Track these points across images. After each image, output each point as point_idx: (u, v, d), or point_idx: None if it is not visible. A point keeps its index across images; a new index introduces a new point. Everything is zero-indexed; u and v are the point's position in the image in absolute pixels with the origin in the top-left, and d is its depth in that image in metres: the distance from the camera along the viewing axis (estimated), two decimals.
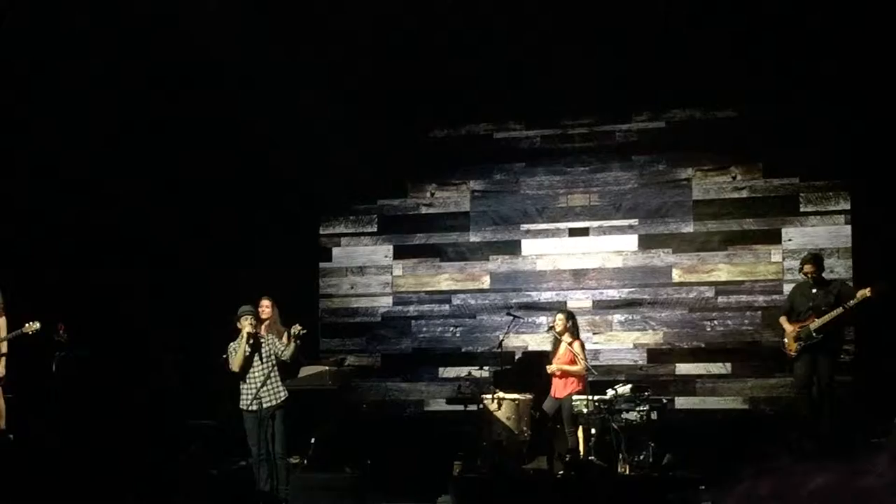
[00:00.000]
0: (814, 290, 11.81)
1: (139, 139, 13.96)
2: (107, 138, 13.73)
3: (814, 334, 11.60)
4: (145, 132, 13.94)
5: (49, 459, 11.37)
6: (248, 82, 13.61)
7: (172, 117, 13.90)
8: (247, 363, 11.12)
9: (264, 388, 11.04)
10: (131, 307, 13.79)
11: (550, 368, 12.36)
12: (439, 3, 12.75)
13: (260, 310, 12.61)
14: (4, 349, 12.55)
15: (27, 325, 12.35)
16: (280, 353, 11.10)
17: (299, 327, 10.98)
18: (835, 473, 1.20)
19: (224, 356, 12.68)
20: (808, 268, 11.91)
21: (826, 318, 11.58)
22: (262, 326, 12.79)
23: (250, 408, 11.01)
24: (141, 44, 12.90)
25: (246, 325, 11.06)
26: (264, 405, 10.98)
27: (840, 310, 11.53)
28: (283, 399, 11.17)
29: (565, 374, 12.26)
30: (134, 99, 13.57)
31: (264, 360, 11.14)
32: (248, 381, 11.16)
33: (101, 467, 11.08)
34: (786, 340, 11.94)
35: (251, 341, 11.08)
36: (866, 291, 11.43)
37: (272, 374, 11.13)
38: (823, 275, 12.07)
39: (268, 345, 11.10)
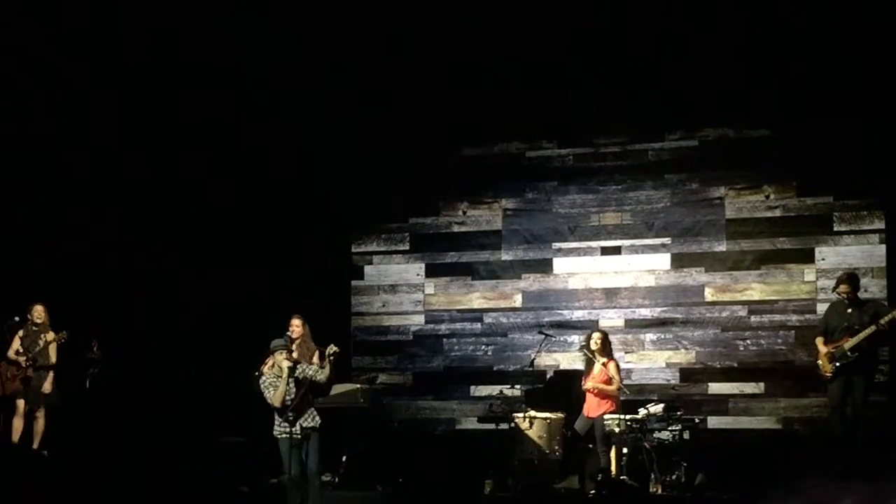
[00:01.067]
0: (849, 311, 11.69)
1: (170, 155, 14.02)
2: (138, 157, 13.83)
3: (848, 353, 11.49)
4: (176, 147, 13.99)
5: (82, 476, 11.41)
6: (279, 98, 13.66)
7: (205, 133, 13.95)
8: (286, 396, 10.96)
9: (300, 411, 10.89)
10: (163, 325, 13.85)
11: (587, 385, 12.30)
12: (471, 22, 12.74)
13: (290, 329, 12.63)
14: (53, 358, 12.67)
15: (57, 335, 12.50)
16: (315, 375, 10.99)
17: (334, 348, 10.88)
18: (863, 494, 1.19)
19: (256, 373, 12.73)
20: (843, 287, 11.78)
21: (860, 336, 11.46)
22: (294, 346, 12.83)
23: (283, 435, 10.89)
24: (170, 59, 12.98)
25: (283, 360, 10.82)
26: (303, 426, 10.82)
27: (873, 328, 11.43)
28: (318, 422, 10.95)
29: (600, 394, 12.20)
30: (168, 115, 13.64)
31: (301, 387, 10.94)
32: (286, 410, 10.89)
33: (133, 484, 11.10)
34: (820, 362, 11.83)
35: (292, 375, 10.86)
36: None
37: (307, 398, 10.97)
38: (858, 294, 11.96)
39: (302, 371, 11.03)
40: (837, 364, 11.56)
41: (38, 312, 12.72)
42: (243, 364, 13.02)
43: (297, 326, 12.70)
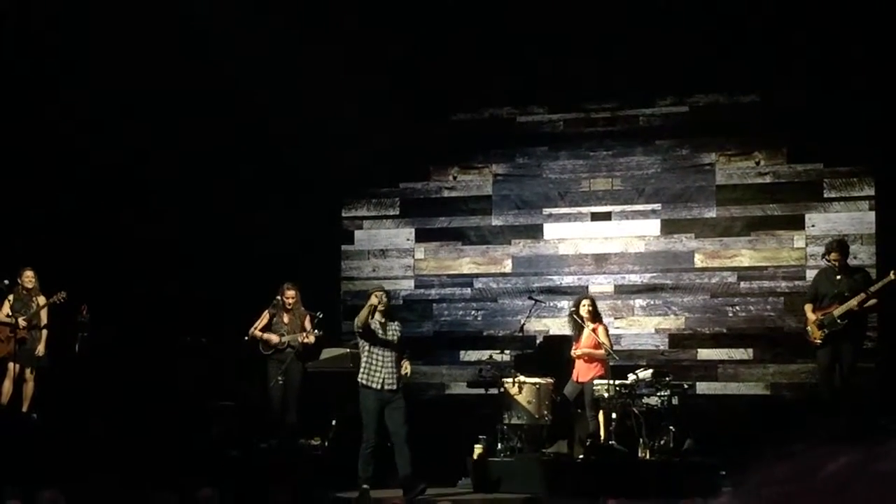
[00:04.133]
0: (838, 277, 11.73)
1: (164, 121, 13.98)
2: (133, 122, 13.79)
3: (838, 321, 11.54)
4: (172, 114, 13.95)
5: (71, 439, 11.44)
6: (269, 65, 13.60)
7: (197, 101, 13.91)
8: (371, 335, 11.00)
9: (388, 370, 10.93)
10: (154, 289, 13.84)
11: (577, 352, 12.33)
12: None
13: (285, 298, 12.79)
14: (45, 321, 12.72)
15: (55, 295, 12.55)
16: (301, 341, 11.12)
17: (319, 314, 11.07)
18: (852, 457, 1.19)
19: (245, 337, 12.79)
20: (833, 255, 11.79)
21: (849, 303, 11.51)
22: (284, 312, 12.89)
23: (371, 385, 10.92)
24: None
25: (375, 299, 11.01)
26: (386, 388, 10.88)
27: (863, 295, 11.47)
28: (401, 385, 11.02)
29: (590, 359, 12.23)
30: (163, 82, 13.60)
31: (389, 344, 11.02)
32: (371, 359, 10.99)
33: (123, 448, 11.12)
34: (809, 329, 11.87)
35: (376, 315, 11.03)
36: (891, 275, 11.37)
37: (394, 358, 10.99)
38: (847, 261, 11.99)
39: (391, 329, 11.09)
40: (826, 331, 11.61)
41: (29, 277, 12.75)
42: (233, 329, 13.08)
43: (289, 295, 12.84)
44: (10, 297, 12.74)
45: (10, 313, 12.63)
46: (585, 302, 12.43)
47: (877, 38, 12.55)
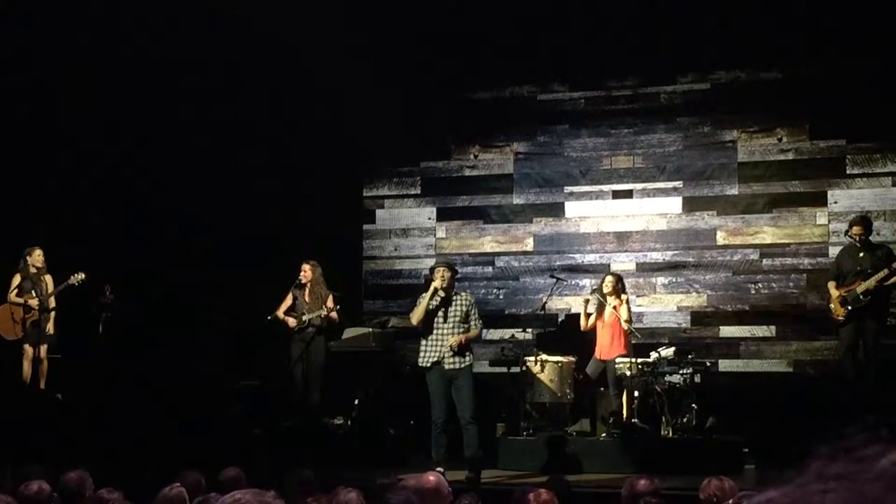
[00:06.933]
0: (861, 254, 11.69)
1: (183, 99, 13.99)
2: (152, 98, 13.82)
3: (861, 297, 11.50)
4: (189, 92, 13.95)
5: (96, 420, 11.50)
6: (290, 42, 13.58)
7: (215, 75, 13.92)
8: (429, 319, 10.70)
9: (447, 348, 10.60)
10: (177, 269, 13.88)
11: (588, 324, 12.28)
12: None
13: (302, 274, 12.81)
14: (53, 303, 12.73)
15: (72, 276, 12.52)
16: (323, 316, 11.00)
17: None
18: None
19: (269, 318, 12.82)
20: (856, 229, 11.76)
21: (873, 280, 11.47)
22: (306, 291, 12.90)
23: (426, 364, 10.67)
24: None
25: (437, 278, 10.64)
26: (446, 367, 10.60)
27: (886, 271, 11.44)
28: (466, 363, 10.65)
29: (613, 335, 12.15)
30: (182, 60, 13.60)
31: (449, 319, 10.68)
32: (429, 338, 10.72)
33: (146, 427, 11.18)
34: (832, 305, 11.85)
35: (436, 297, 10.65)
36: None
37: (457, 336, 10.61)
38: (870, 238, 11.94)
39: (456, 305, 10.71)
40: (849, 307, 11.59)
41: (38, 256, 12.70)
42: (256, 309, 13.12)
43: (305, 271, 12.86)
44: (18, 276, 12.72)
45: (18, 292, 12.63)
46: (609, 279, 12.42)
47: None
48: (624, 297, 12.34)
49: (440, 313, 10.68)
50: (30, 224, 13.23)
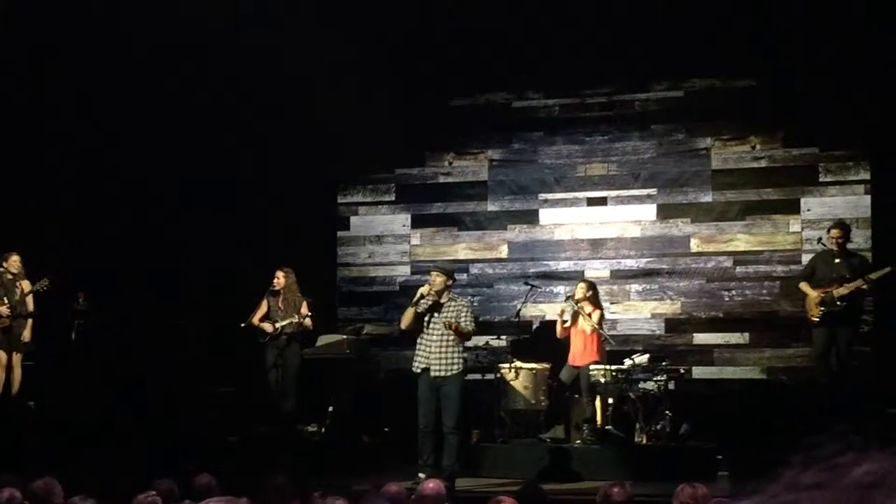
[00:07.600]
0: (837, 261, 11.74)
1: (156, 105, 13.95)
2: (124, 108, 13.77)
3: (837, 302, 11.55)
4: (163, 97, 13.91)
5: (68, 427, 11.44)
6: (267, 48, 13.55)
7: (193, 82, 13.88)
8: (417, 324, 10.70)
9: (435, 355, 10.57)
10: (151, 276, 13.83)
11: (565, 326, 12.26)
12: None
13: (276, 281, 12.78)
14: (31, 307, 12.60)
15: (37, 282, 12.40)
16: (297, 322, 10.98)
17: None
18: (878, 464, 1.20)
19: (242, 325, 12.78)
20: (835, 232, 11.79)
21: (851, 286, 11.51)
22: (279, 298, 12.88)
23: (416, 370, 10.64)
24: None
25: (428, 285, 10.70)
26: (432, 374, 10.57)
27: (861, 281, 11.49)
28: (454, 371, 10.62)
29: (586, 342, 12.15)
30: (154, 68, 13.56)
31: (437, 324, 10.61)
32: (420, 344, 10.70)
33: (121, 435, 11.13)
34: (808, 305, 11.88)
35: (422, 302, 10.66)
36: (887, 269, 11.42)
37: (445, 342, 10.61)
38: (847, 246, 11.99)
39: (447, 311, 10.65)
40: (824, 309, 11.60)
41: (14, 262, 12.56)
42: (231, 315, 13.09)
43: (279, 278, 12.84)
44: None
45: None
46: (581, 285, 12.44)
47: (872, 21, 12.53)
48: (599, 311, 12.28)
49: (430, 319, 10.68)
50: (4, 229, 13.13)
